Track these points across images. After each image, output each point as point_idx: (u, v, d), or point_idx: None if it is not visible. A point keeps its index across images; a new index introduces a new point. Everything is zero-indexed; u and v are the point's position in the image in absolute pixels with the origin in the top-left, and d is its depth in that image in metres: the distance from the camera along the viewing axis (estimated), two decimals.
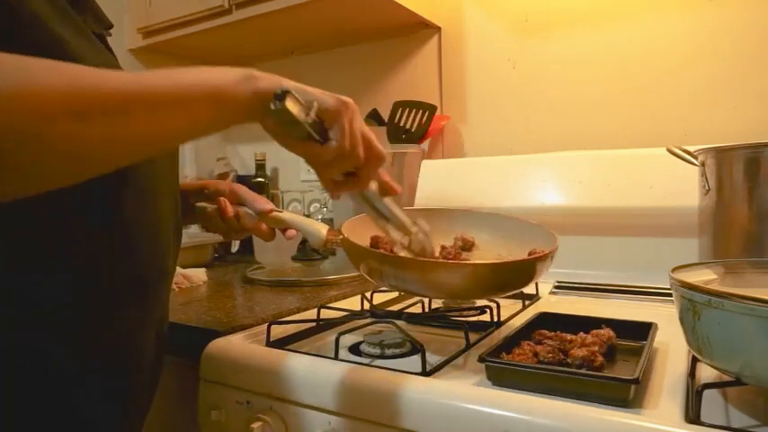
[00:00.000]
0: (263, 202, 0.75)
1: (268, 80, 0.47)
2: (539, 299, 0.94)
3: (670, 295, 0.56)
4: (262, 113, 0.47)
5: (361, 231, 0.76)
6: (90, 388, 0.50)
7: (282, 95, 0.45)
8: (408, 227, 0.65)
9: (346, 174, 0.54)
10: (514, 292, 0.74)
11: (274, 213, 0.75)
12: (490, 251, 0.81)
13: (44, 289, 0.47)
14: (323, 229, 0.76)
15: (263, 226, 0.76)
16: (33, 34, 0.44)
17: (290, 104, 0.46)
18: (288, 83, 0.48)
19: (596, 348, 0.57)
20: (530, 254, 0.75)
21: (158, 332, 0.60)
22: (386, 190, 0.61)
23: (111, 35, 0.59)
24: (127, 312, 0.54)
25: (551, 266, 0.72)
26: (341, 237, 0.72)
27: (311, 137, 0.49)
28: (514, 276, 0.69)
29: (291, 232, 0.76)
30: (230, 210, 0.74)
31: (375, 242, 0.77)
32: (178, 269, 1.09)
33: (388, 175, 0.60)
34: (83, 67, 0.39)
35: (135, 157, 0.44)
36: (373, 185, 0.59)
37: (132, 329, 0.55)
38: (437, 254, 0.74)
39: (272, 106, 0.46)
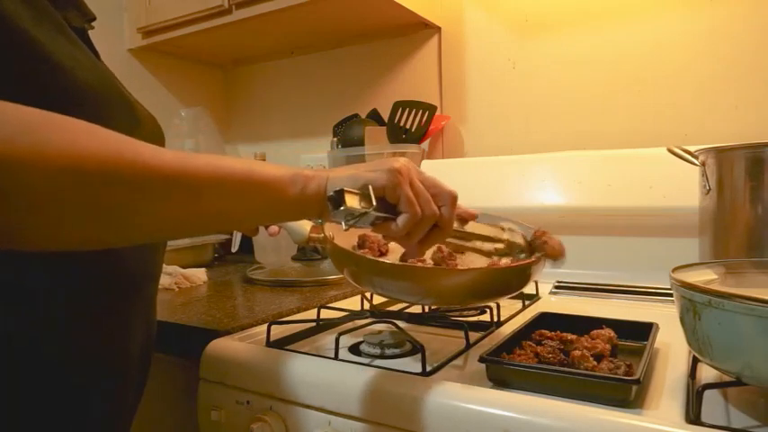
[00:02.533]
0: None
1: (316, 180, 0.46)
2: (539, 299, 0.94)
3: (670, 295, 0.56)
4: (320, 214, 0.46)
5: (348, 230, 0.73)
6: (76, 387, 0.50)
7: (338, 197, 0.45)
8: (497, 237, 0.62)
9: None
10: (501, 299, 0.72)
11: None
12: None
13: (32, 283, 0.46)
14: (306, 226, 0.74)
15: None
16: (1, 37, 0.41)
17: (350, 201, 0.46)
18: (335, 176, 0.47)
19: (597, 349, 0.57)
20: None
21: (145, 334, 0.59)
22: (464, 219, 0.59)
23: (93, 27, 0.57)
24: (114, 312, 0.53)
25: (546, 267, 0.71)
26: (322, 235, 0.69)
27: (382, 218, 0.49)
28: (501, 283, 0.66)
29: (274, 228, 0.76)
30: None
31: (362, 241, 0.72)
32: (178, 269, 1.09)
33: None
34: (130, 139, 0.37)
35: (157, 236, 0.43)
36: None
37: (119, 330, 0.54)
38: (431, 256, 0.73)
39: (333, 211, 0.45)
